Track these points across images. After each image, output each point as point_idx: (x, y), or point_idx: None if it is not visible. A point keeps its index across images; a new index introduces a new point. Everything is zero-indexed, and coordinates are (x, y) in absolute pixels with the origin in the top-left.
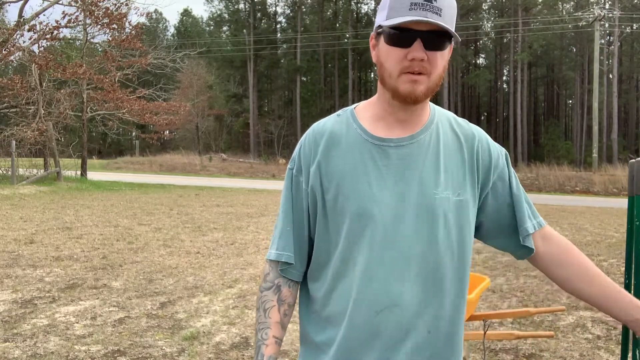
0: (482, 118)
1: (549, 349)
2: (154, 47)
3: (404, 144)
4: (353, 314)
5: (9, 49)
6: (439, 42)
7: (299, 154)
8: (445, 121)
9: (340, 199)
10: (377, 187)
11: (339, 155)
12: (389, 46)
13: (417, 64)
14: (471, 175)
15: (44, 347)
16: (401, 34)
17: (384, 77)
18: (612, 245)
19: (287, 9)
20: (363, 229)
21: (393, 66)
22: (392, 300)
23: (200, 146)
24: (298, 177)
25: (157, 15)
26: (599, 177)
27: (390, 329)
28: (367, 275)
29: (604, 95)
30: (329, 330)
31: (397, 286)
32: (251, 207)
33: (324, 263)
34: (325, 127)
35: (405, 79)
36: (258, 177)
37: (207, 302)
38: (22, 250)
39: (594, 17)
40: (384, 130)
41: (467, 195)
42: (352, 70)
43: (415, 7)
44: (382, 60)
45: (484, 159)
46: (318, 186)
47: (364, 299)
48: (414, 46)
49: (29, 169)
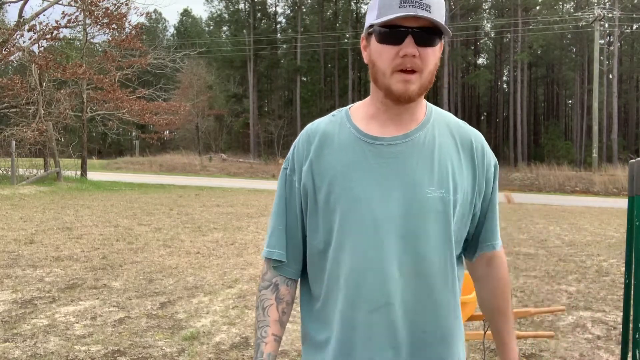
0: (482, 118)
1: (549, 349)
2: (153, 47)
3: (398, 142)
4: (347, 313)
5: (9, 49)
6: (430, 38)
7: (293, 154)
8: (443, 122)
9: (332, 197)
10: (369, 185)
11: (331, 154)
12: (380, 44)
13: (409, 61)
14: (470, 177)
15: (44, 347)
16: (392, 31)
17: (377, 76)
18: (612, 245)
19: (287, 9)
20: (354, 228)
21: (385, 64)
22: (385, 299)
23: (200, 146)
24: (291, 177)
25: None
26: (599, 177)
27: (384, 328)
28: (359, 274)
29: (604, 95)
30: (328, 329)
31: (390, 285)
32: (251, 207)
33: (318, 261)
34: (319, 127)
35: (398, 77)
36: (258, 177)
37: (207, 302)
38: (22, 250)
39: (594, 17)
40: (378, 129)
41: (461, 195)
42: (352, 70)
43: (404, 4)
44: (374, 59)
45: (479, 164)
46: (310, 185)
47: (357, 298)
48: (406, 42)
49: (29, 169)
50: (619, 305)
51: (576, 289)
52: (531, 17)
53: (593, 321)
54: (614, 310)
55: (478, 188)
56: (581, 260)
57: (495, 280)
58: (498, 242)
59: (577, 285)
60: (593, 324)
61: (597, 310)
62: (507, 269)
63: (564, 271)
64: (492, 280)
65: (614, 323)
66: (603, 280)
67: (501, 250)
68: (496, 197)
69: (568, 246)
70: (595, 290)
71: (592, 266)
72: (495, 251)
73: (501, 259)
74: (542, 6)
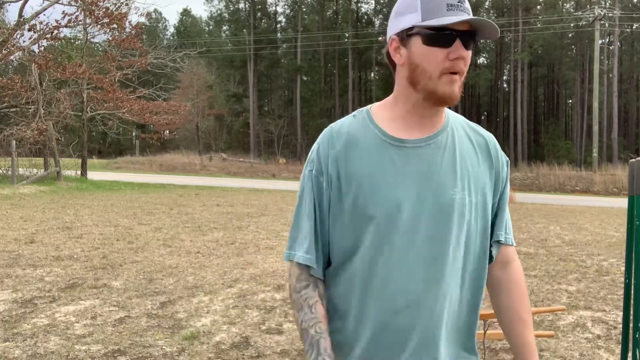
0: (483, 118)
1: (549, 348)
2: (153, 47)
3: (422, 144)
4: (372, 315)
5: (9, 48)
6: (472, 42)
7: (318, 155)
8: (459, 124)
9: (360, 201)
10: (396, 188)
11: (358, 157)
12: (427, 47)
13: (458, 63)
14: (489, 178)
15: (44, 346)
16: (442, 34)
17: (419, 79)
18: (612, 245)
19: (287, 9)
20: (383, 230)
21: (434, 67)
22: (411, 301)
23: (200, 146)
24: (318, 178)
25: (156, 15)
26: (599, 176)
27: (410, 329)
28: (385, 276)
29: (604, 95)
30: (350, 330)
31: (415, 286)
32: (251, 206)
33: (341, 263)
34: (342, 128)
35: (446, 80)
36: (258, 177)
37: (207, 301)
38: (22, 250)
39: (594, 17)
40: (402, 132)
41: (482, 197)
42: (352, 70)
43: (452, 8)
44: (417, 61)
45: (496, 163)
46: (337, 187)
47: (383, 300)
48: (455, 45)
49: (29, 169)
50: (619, 304)
51: (576, 288)
52: (531, 17)
53: (593, 321)
54: (614, 309)
55: (495, 187)
56: (581, 259)
57: (514, 285)
58: (509, 237)
59: (577, 285)
60: (593, 324)
61: (597, 310)
62: (523, 275)
63: (564, 271)
64: (511, 286)
65: (614, 322)
66: (603, 279)
67: (516, 256)
68: (507, 192)
69: (568, 246)
70: (596, 289)
71: (592, 266)
72: (509, 252)
73: (517, 263)
74: (543, 6)
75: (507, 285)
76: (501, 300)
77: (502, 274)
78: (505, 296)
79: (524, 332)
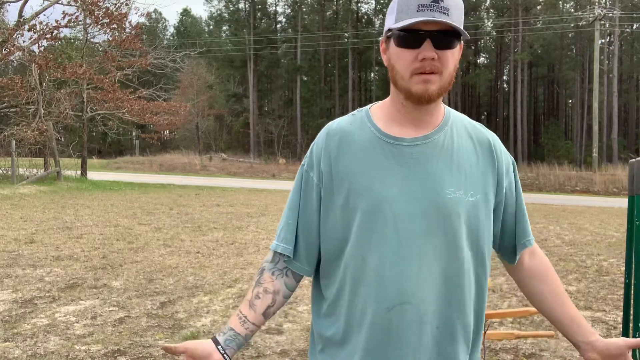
0: (483, 118)
1: (549, 348)
2: (153, 47)
3: (418, 143)
4: (366, 311)
5: (9, 48)
6: (448, 41)
7: (312, 151)
8: (460, 124)
9: (351, 196)
10: (389, 184)
11: (352, 153)
12: (399, 48)
13: (429, 64)
14: (490, 178)
15: (44, 346)
16: (410, 35)
17: (396, 79)
18: (612, 245)
19: (287, 9)
20: (374, 226)
21: (404, 68)
22: (404, 298)
23: (200, 146)
24: (309, 173)
25: (156, 15)
26: (599, 176)
27: (403, 326)
28: (378, 273)
29: (604, 95)
30: (342, 326)
31: (408, 283)
32: (251, 206)
33: (334, 259)
34: (339, 125)
35: (417, 79)
36: (258, 177)
37: (207, 301)
38: (22, 250)
39: (594, 17)
40: (398, 130)
41: (480, 196)
42: (352, 70)
43: (423, 8)
44: (393, 62)
45: (500, 165)
46: (329, 182)
47: (376, 296)
48: (424, 46)
49: (29, 169)
50: (619, 304)
51: (576, 288)
52: (531, 17)
53: (593, 321)
54: (614, 309)
55: (499, 188)
56: (581, 259)
57: (544, 267)
58: (532, 238)
59: (577, 285)
60: (593, 324)
61: (597, 310)
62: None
63: (564, 271)
64: (542, 268)
65: (614, 322)
66: (603, 279)
67: (535, 243)
68: (522, 195)
69: (568, 246)
70: (596, 289)
71: (592, 266)
72: (532, 246)
73: (539, 249)
74: (543, 6)
75: (541, 271)
76: (536, 287)
77: (533, 263)
78: (538, 281)
79: (570, 309)
